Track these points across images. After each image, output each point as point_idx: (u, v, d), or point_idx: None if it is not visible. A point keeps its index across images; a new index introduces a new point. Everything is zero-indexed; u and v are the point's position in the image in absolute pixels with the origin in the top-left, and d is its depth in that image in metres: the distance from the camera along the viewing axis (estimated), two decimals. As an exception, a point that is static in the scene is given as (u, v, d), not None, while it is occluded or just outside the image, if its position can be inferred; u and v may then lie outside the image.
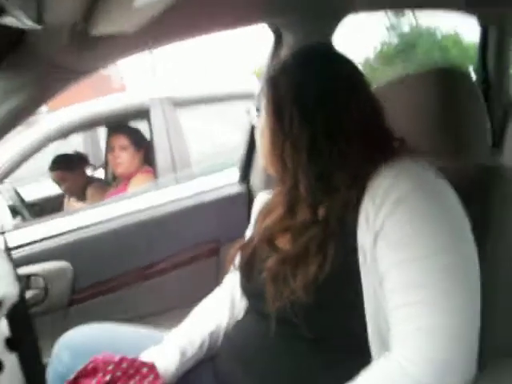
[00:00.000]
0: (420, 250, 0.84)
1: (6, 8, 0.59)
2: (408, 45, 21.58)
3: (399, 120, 1.03)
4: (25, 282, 1.44)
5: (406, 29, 22.36)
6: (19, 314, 0.54)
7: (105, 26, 1.04)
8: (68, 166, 3.29)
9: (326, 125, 0.98)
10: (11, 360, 0.60)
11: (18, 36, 1.14)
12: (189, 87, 3.37)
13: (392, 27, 22.65)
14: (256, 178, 2.11)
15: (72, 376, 1.02)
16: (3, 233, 0.55)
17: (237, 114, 3.18)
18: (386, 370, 0.84)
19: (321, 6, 1.62)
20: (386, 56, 21.87)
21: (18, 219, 2.80)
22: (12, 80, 1.18)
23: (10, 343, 0.61)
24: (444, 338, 0.81)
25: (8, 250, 0.54)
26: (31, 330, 0.58)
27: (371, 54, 22.89)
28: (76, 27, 1.05)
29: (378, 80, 1.27)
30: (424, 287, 0.83)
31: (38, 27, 0.66)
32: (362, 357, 0.91)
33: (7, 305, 0.51)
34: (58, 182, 3.34)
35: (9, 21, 0.59)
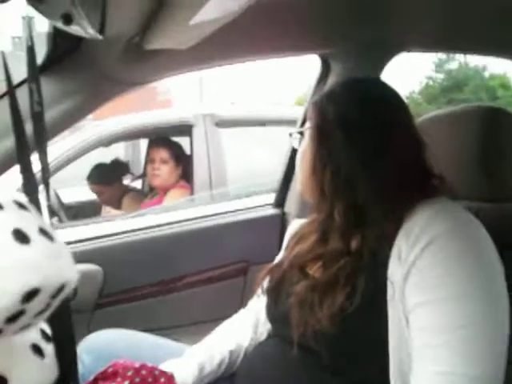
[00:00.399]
0: (449, 292, 0.83)
1: (73, 17, 0.62)
2: (454, 83, 21.40)
3: (439, 156, 1.02)
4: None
5: (453, 65, 22.20)
6: (61, 308, 0.55)
7: (159, 41, 1.07)
8: (106, 180, 3.35)
9: (367, 155, 0.98)
10: (49, 349, 0.61)
11: (74, 44, 1.18)
12: (232, 108, 3.41)
13: (439, 63, 22.52)
14: (291, 203, 2.11)
15: (91, 377, 1.04)
16: (57, 228, 0.57)
17: (276, 138, 3.21)
18: None
19: (374, 42, 1.62)
20: (431, 93, 21.71)
21: (55, 220, 2.86)
22: (64, 85, 1.22)
23: (45, 334, 0.63)
24: None
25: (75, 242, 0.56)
26: (70, 324, 0.59)
27: (416, 88, 22.76)
28: (131, 40, 1.09)
29: (420, 115, 1.27)
30: (448, 331, 0.82)
31: (100, 37, 0.69)
32: None
33: (67, 290, 0.53)
34: (96, 193, 3.40)
35: (74, 29, 0.62)
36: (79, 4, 0.61)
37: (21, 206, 0.51)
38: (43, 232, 0.51)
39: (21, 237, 0.48)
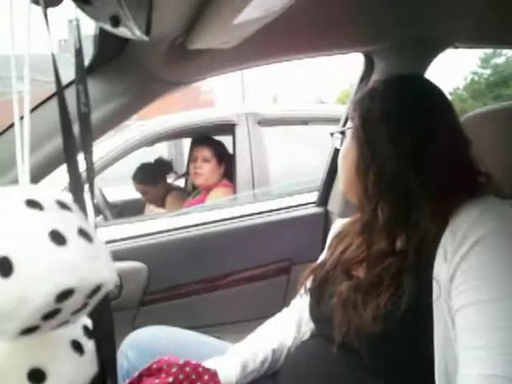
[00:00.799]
0: (496, 292, 0.82)
1: (120, 19, 0.63)
2: (501, 78, 20.86)
3: (486, 154, 1.00)
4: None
5: (500, 60, 21.64)
6: (102, 304, 0.56)
7: (202, 41, 1.07)
8: (150, 180, 3.39)
9: (413, 154, 0.97)
10: (90, 346, 0.63)
11: (120, 45, 1.20)
12: (275, 107, 3.41)
13: (485, 58, 21.98)
14: (334, 201, 2.10)
15: (136, 373, 1.05)
16: (96, 228, 0.58)
17: (319, 136, 3.20)
18: None
19: (419, 39, 1.60)
20: (477, 89, 21.23)
21: (100, 218, 2.92)
22: (110, 86, 1.24)
23: (88, 330, 0.64)
24: None
25: (106, 243, 0.57)
26: (111, 321, 0.60)
27: (461, 84, 22.27)
28: (176, 41, 1.10)
29: (466, 111, 1.25)
30: (497, 332, 0.80)
31: (146, 39, 0.70)
32: None
33: (104, 290, 0.54)
34: (141, 193, 3.46)
35: (120, 31, 0.63)
36: (126, 6, 0.62)
37: (63, 206, 0.52)
38: (82, 233, 0.52)
39: (58, 238, 0.49)
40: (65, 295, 0.49)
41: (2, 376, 0.57)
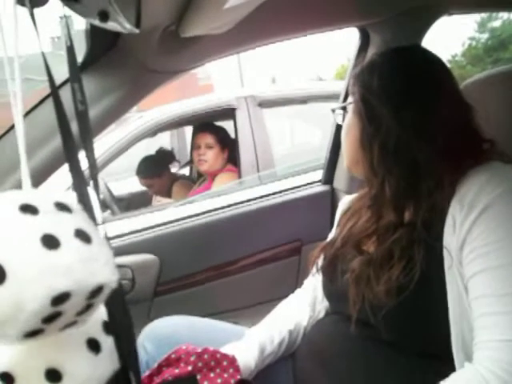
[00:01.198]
0: (507, 256, 0.82)
1: (109, 13, 0.62)
2: (499, 42, 20.66)
3: (488, 119, 0.99)
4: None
5: (496, 24, 21.40)
6: (116, 300, 0.57)
7: (195, 28, 1.06)
8: (154, 172, 3.40)
9: (415, 123, 0.96)
10: (109, 342, 0.63)
11: (112, 39, 1.19)
12: (273, 87, 3.39)
13: (482, 22, 21.74)
14: (340, 179, 2.10)
15: (155, 364, 1.06)
16: (104, 223, 0.58)
17: (318, 114, 3.18)
18: (466, 380, 0.81)
19: (413, 9, 1.58)
20: (475, 54, 21.04)
21: (108, 213, 2.92)
22: (106, 81, 1.23)
23: (107, 326, 0.64)
24: None
25: (108, 239, 0.57)
26: (127, 315, 0.61)
27: (459, 50, 22.06)
28: (168, 29, 1.09)
29: (465, 78, 1.24)
30: (506, 298, 0.80)
31: (137, 31, 0.69)
32: (443, 365, 0.89)
33: (107, 291, 0.54)
34: (146, 186, 3.47)
35: (110, 25, 0.62)
36: (114, 0, 0.61)
37: (62, 207, 0.52)
38: (80, 234, 0.52)
39: (50, 242, 0.49)
40: (61, 298, 0.49)
41: (23, 376, 0.58)
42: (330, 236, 1.28)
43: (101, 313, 0.64)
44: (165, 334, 1.24)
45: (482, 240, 0.84)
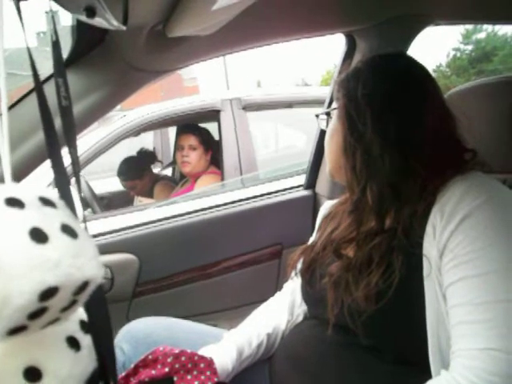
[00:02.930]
0: (486, 266, 0.82)
1: (96, 9, 0.62)
2: (483, 53, 20.92)
3: (471, 129, 1.01)
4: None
5: (481, 35, 21.67)
6: (96, 299, 0.56)
7: (182, 29, 1.06)
8: (136, 173, 3.39)
9: (399, 131, 0.97)
10: (87, 341, 0.63)
11: (99, 36, 1.18)
12: (259, 91, 3.39)
13: (467, 34, 22.01)
14: (322, 184, 2.11)
15: (132, 365, 1.05)
16: (85, 221, 0.57)
17: (303, 119, 3.19)
18: None
19: (399, 17, 1.59)
20: (460, 65, 21.29)
21: (89, 211, 2.90)
22: (91, 78, 1.22)
23: (84, 325, 0.64)
24: (506, 363, 0.77)
25: (92, 237, 0.56)
26: (106, 314, 0.60)
27: (443, 61, 22.30)
28: (155, 29, 1.09)
29: (449, 88, 1.25)
30: (489, 305, 0.80)
31: (123, 28, 0.69)
32: (420, 372, 0.89)
33: (92, 286, 0.53)
34: (128, 188, 3.45)
35: (97, 21, 0.62)
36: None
37: (46, 202, 0.52)
38: (66, 229, 0.51)
39: (38, 236, 0.48)
40: (49, 293, 0.48)
41: (0, 374, 0.57)
42: (311, 240, 1.28)
43: (78, 311, 0.64)
44: (142, 334, 1.23)
45: (462, 249, 0.85)
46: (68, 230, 0.51)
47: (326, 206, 1.33)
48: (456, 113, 1.01)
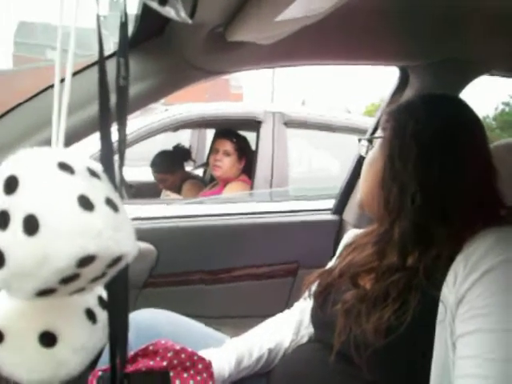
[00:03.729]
0: (502, 323, 0.81)
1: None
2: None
3: (510, 185, 0.99)
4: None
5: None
6: (119, 277, 0.57)
7: (242, 34, 1.07)
8: (168, 168, 3.42)
9: (440, 174, 0.96)
10: (103, 316, 0.64)
11: (160, 26, 1.20)
12: (303, 109, 3.40)
13: (518, 88, 21.74)
14: (350, 211, 2.10)
15: (132, 352, 1.06)
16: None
17: (342, 144, 3.19)
18: None
19: (457, 60, 1.59)
20: (506, 120, 21.08)
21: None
22: (146, 65, 1.24)
23: (102, 301, 0.65)
24: None
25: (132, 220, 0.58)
26: (126, 295, 0.61)
27: (490, 113, 22.11)
28: (215, 29, 1.10)
29: (492, 141, 1.24)
30: (497, 362, 0.79)
31: (190, 21, 0.70)
32: None
33: (125, 262, 0.54)
34: (158, 180, 3.47)
35: (165, 10, 0.63)
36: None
37: (93, 173, 0.53)
38: (109, 202, 0.53)
39: (85, 203, 0.49)
40: (86, 261, 0.49)
41: (14, 334, 0.58)
42: (330, 264, 1.28)
43: (99, 288, 0.65)
44: (147, 325, 1.23)
45: (480, 301, 0.83)
46: (111, 204, 0.53)
47: (350, 235, 1.33)
48: (498, 166, 1.00)
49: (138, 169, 3.81)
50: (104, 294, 0.65)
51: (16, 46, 32.57)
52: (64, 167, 0.51)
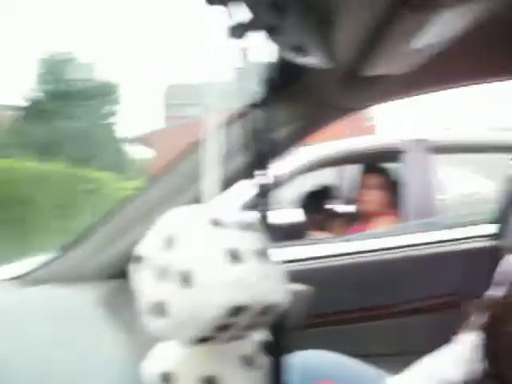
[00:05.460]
0: None
1: (303, 47, 0.65)
2: None
3: None
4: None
5: None
6: (282, 323, 0.60)
7: (378, 67, 1.07)
8: (316, 208, 3.45)
9: None
10: (261, 362, 0.66)
11: (296, 73, 1.23)
12: (446, 133, 3.28)
13: None
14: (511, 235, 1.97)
15: None
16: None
17: (490, 163, 3.01)
18: None
19: None
20: None
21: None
22: (284, 112, 1.27)
23: (263, 347, 0.67)
24: None
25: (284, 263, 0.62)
26: (287, 341, 0.64)
27: None
28: (351, 67, 1.11)
29: None
30: None
31: (331, 67, 0.72)
32: None
33: (276, 311, 0.58)
34: (307, 218, 3.51)
35: (306, 60, 0.65)
36: (313, 35, 0.64)
37: (243, 225, 0.57)
38: (259, 253, 0.56)
39: (235, 256, 0.53)
40: (237, 311, 0.53)
41: (180, 376, 0.62)
42: (494, 293, 1.20)
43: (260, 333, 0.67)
44: (310, 366, 1.24)
45: None
46: (260, 254, 0.56)
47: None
48: None
49: (281, 210, 3.88)
50: (262, 340, 0.68)
51: (167, 107, 35.23)
52: (215, 223, 0.55)
